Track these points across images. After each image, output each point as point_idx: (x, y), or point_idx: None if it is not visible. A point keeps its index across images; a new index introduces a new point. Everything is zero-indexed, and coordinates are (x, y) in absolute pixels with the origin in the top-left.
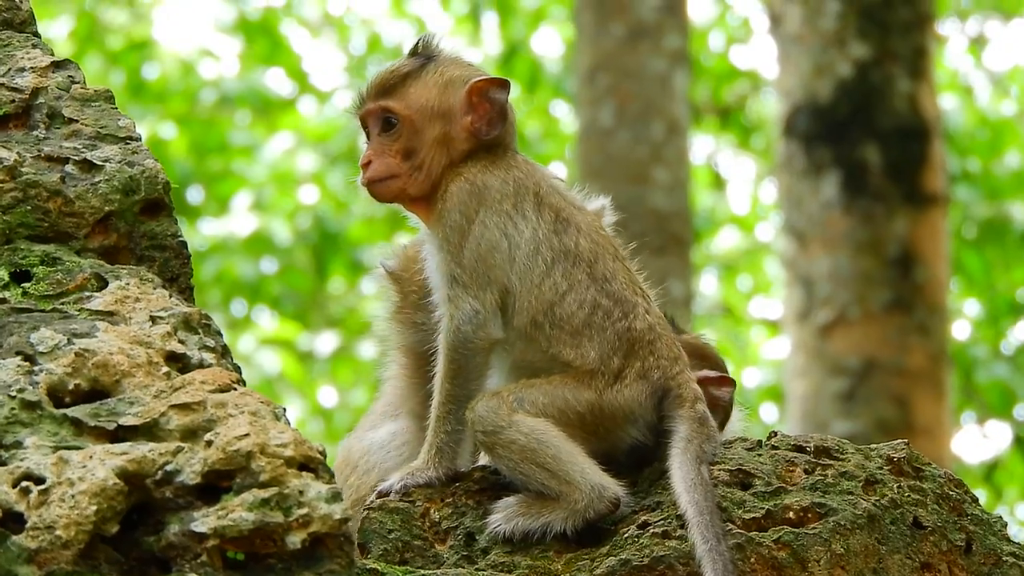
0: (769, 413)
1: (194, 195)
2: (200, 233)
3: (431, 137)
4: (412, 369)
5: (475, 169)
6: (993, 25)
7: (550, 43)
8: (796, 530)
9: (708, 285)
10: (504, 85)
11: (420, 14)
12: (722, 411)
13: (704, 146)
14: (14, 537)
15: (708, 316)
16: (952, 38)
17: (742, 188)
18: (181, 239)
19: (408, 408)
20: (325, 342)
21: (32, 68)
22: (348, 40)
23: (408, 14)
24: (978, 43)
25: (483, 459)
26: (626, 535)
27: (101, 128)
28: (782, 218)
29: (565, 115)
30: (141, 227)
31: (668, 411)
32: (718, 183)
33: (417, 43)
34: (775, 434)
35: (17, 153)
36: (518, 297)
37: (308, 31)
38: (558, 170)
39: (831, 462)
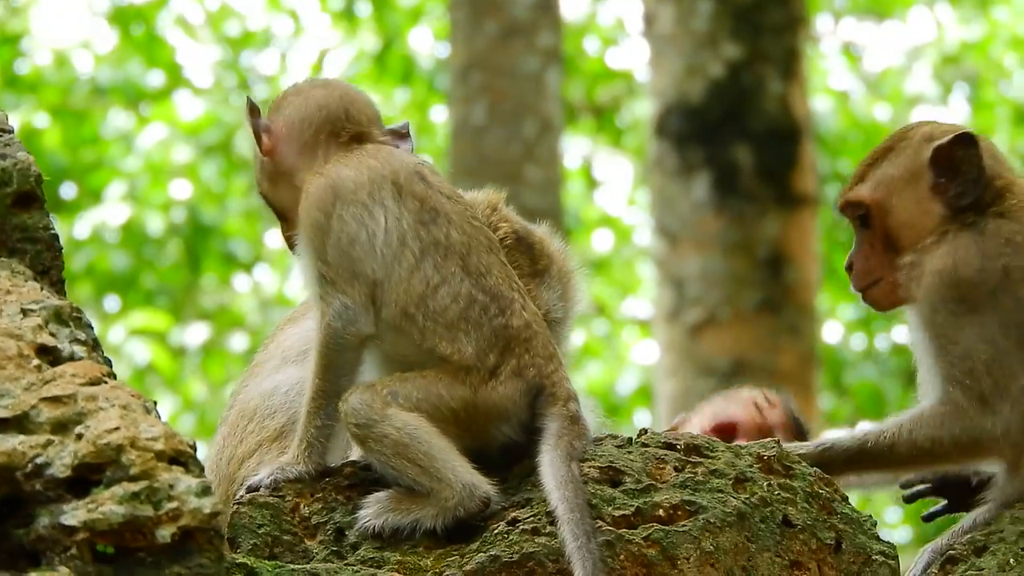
0: (643, 420)
1: (67, 190)
2: (75, 228)
3: None
4: None
5: (329, 164)
6: (867, 27)
7: (425, 40)
8: (666, 528)
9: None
10: None
11: (295, 7)
12: None
13: (580, 147)
14: None
15: (581, 316)
16: (825, 39)
17: (618, 189)
18: (53, 232)
19: None
20: (195, 333)
21: None
22: (222, 33)
23: (283, 7)
24: (852, 46)
25: (354, 454)
26: (496, 531)
27: None
28: (654, 218)
29: (439, 113)
30: (13, 219)
31: (541, 409)
32: (593, 184)
33: None
34: (645, 431)
35: None
36: (386, 289)
37: (183, 28)
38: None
39: (701, 460)
